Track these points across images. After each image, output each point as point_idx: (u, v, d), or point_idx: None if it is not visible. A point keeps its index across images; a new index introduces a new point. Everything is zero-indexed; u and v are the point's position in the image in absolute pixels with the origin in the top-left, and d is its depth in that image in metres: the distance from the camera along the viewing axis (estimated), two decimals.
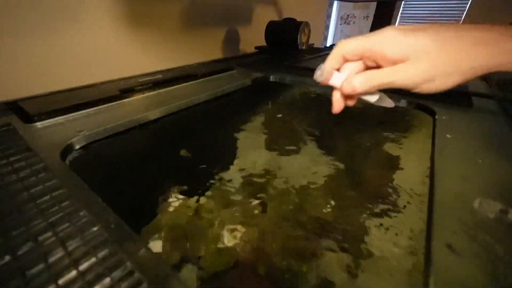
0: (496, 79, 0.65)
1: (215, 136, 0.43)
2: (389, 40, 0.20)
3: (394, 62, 0.20)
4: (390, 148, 0.39)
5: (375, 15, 2.49)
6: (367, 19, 2.65)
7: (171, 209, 0.27)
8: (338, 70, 0.23)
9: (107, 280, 0.17)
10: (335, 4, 2.03)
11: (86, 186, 0.26)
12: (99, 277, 0.17)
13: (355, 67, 0.23)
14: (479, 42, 0.18)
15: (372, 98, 0.23)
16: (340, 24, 2.44)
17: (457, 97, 0.53)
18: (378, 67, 0.22)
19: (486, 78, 0.67)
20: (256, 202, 0.28)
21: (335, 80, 0.22)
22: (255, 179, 0.31)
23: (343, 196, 0.29)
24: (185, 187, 0.30)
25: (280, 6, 1.18)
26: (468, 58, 0.19)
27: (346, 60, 0.23)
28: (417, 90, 0.21)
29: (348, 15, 2.51)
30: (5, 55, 0.48)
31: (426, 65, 0.19)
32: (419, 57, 0.19)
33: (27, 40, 0.50)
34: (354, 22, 2.59)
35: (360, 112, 0.60)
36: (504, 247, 0.23)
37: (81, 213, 0.22)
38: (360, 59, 0.23)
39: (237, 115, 0.51)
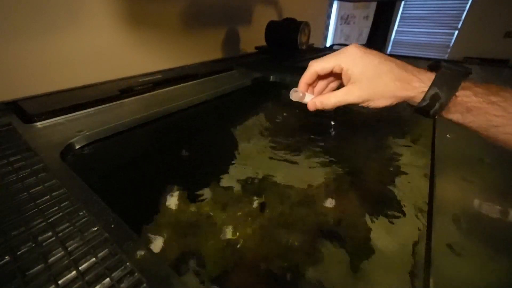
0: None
1: (215, 136, 0.43)
2: (352, 59, 0.26)
3: (349, 80, 0.26)
4: (390, 148, 0.39)
5: (375, 15, 2.49)
6: (367, 19, 2.64)
7: (171, 209, 0.27)
8: (311, 84, 0.29)
9: (107, 280, 0.17)
10: (335, 4, 2.03)
11: (86, 186, 0.26)
12: (99, 277, 0.17)
13: (320, 88, 0.30)
14: (398, 79, 0.25)
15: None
16: (340, 24, 2.44)
17: None
18: (337, 86, 0.29)
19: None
20: (256, 202, 0.28)
21: (306, 99, 0.29)
22: (255, 179, 0.31)
23: (342, 196, 0.29)
24: (185, 187, 0.30)
25: (280, 6, 1.18)
26: (390, 89, 0.25)
27: (318, 76, 0.29)
28: (363, 105, 0.27)
29: (348, 15, 2.51)
30: (6, 55, 0.48)
31: (366, 89, 0.26)
32: (364, 81, 0.25)
33: (27, 40, 0.50)
34: (354, 22, 2.59)
35: (359, 112, 0.60)
36: (504, 247, 0.23)
37: (81, 213, 0.22)
38: (329, 74, 0.28)
39: (237, 115, 0.51)
